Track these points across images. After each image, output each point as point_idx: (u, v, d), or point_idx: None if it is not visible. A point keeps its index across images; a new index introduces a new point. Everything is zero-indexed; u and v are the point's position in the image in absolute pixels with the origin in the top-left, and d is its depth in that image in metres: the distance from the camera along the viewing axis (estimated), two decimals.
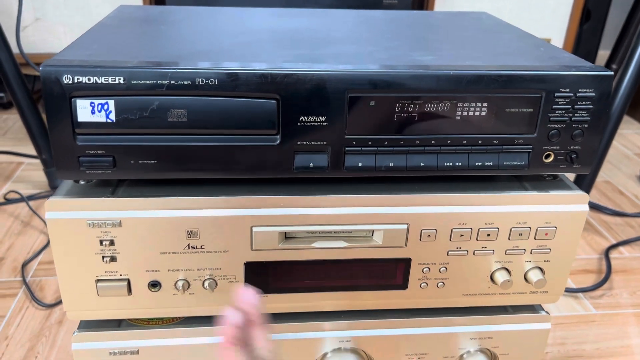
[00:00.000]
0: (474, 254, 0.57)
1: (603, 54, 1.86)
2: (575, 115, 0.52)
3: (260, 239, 0.54)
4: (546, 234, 0.57)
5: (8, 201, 1.19)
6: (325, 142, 0.51)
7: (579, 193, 0.56)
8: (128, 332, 0.58)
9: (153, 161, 0.50)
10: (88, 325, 0.59)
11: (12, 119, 1.66)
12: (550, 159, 0.54)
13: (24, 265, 0.98)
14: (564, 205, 0.56)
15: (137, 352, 0.59)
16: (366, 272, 0.57)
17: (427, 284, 0.58)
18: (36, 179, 1.30)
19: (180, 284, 0.55)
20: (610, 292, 1.00)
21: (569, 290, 0.99)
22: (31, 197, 1.20)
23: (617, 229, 1.20)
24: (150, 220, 0.52)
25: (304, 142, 0.51)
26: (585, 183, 1.17)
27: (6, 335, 0.82)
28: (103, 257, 0.53)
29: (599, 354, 0.85)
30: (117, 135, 0.48)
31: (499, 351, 0.64)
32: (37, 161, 1.35)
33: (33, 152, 1.37)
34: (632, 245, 1.14)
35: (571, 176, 1.25)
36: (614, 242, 1.15)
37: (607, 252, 1.10)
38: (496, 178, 0.59)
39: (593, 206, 1.28)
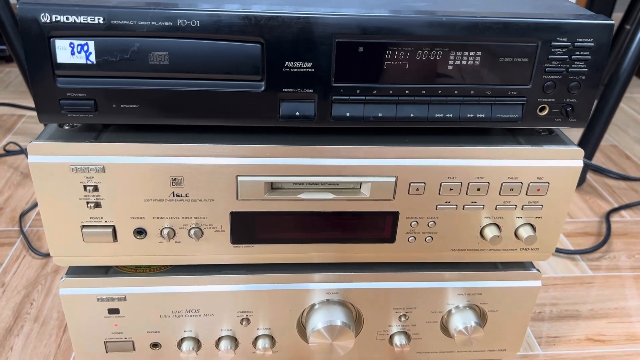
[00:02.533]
0: (463, 208, 0.56)
1: (618, 17, 1.80)
2: (572, 66, 0.50)
3: (246, 188, 0.53)
4: (538, 190, 0.56)
5: (8, 152, 1.19)
6: (311, 90, 0.49)
7: (574, 148, 0.54)
8: (115, 279, 0.58)
9: (135, 106, 0.49)
10: (76, 272, 0.59)
11: (14, 72, 1.65)
12: (545, 112, 0.52)
13: (22, 215, 0.98)
14: (557, 161, 0.54)
15: (125, 299, 0.59)
16: (353, 224, 0.57)
17: (415, 238, 0.58)
18: (37, 131, 1.29)
19: (165, 232, 0.55)
20: (609, 254, 0.99)
21: (566, 252, 0.98)
22: None
23: (620, 193, 1.18)
24: (133, 166, 0.51)
25: (290, 90, 0.49)
26: (589, 146, 1.14)
27: (2, 283, 0.83)
28: (87, 202, 0.53)
29: (593, 314, 0.85)
30: (98, 77, 0.47)
31: (487, 307, 0.64)
32: None
33: (34, 105, 1.37)
34: (634, 209, 1.13)
35: (576, 138, 1.23)
36: (616, 205, 1.13)
37: (607, 215, 1.09)
38: (490, 132, 0.57)
39: (597, 169, 1.26)
